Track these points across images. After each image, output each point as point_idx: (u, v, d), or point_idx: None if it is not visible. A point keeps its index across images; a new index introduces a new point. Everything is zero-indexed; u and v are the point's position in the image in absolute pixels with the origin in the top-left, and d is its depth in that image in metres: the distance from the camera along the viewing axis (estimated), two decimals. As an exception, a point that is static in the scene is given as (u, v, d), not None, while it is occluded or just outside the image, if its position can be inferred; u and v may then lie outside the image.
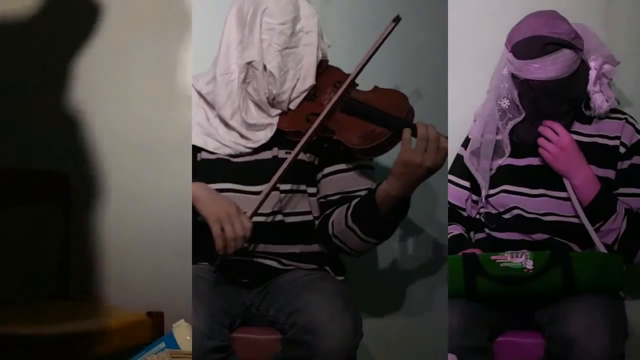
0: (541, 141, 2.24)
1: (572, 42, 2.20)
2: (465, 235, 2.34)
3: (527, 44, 2.21)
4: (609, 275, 2.12)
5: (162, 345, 2.15)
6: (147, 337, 2.30)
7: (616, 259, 2.14)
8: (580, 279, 2.09)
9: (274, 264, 2.24)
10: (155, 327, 2.32)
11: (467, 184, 2.35)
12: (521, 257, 2.11)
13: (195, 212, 2.15)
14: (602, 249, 2.20)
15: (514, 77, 2.26)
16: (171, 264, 2.55)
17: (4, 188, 2.47)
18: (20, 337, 2.11)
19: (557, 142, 2.22)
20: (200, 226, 2.15)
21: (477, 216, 2.34)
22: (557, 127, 2.24)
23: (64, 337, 2.18)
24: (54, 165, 2.56)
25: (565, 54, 2.20)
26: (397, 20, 2.22)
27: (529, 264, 2.10)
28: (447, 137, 2.08)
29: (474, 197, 2.35)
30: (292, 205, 2.25)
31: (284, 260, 2.24)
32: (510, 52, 2.24)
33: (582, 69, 2.24)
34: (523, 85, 2.24)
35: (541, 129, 2.24)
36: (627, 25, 2.47)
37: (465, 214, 2.35)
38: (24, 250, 2.59)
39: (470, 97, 2.48)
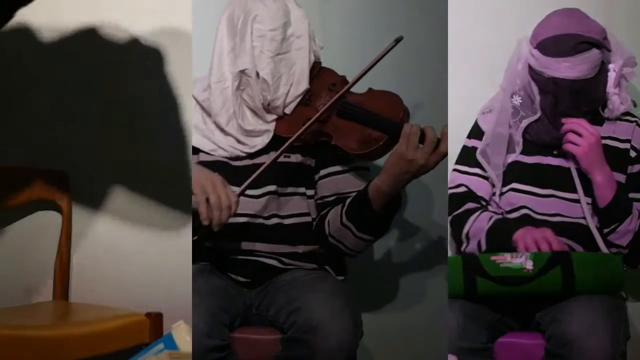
0: (571, 136, 2.22)
1: (602, 42, 2.19)
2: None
3: (557, 42, 2.19)
4: (609, 276, 2.12)
5: (161, 346, 2.14)
6: (146, 337, 2.30)
7: (615, 259, 2.14)
8: (580, 279, 2.09)
9: (275, 263, 2.24)
10: (154, 327, 2.31)
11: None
12: (521, 257, 2.11)
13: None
14: (605, 251, 2.20)
15: (536, 73, 2.24)
16: (171, 264, 2.55)
17: (3, 187, 2.46)
18: (20, 337, 2.10)
19: (587, 136, 2.21)
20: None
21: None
22: (585, 123, 2.22)
23: (64, 338, 2.17)
24: (54, 165, 2.56)
25: (594, 54, 2.19)
26: (398, 40, 2.21)
27: (529, 265, 2.09)
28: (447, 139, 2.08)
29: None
30: (291, 207, 2.26)
31: (284, 260, 2.25)
32: (535, 48, 2.23)
33: (603, 70, 2.23)
34: (547, 83, 2.22)
35: (569, 123, 2.22)
36: (629, 25, 2.47)
37: (490, 207, 2.33)
38: (23, 250, 2.59)
39: (471, 97, 2.48)
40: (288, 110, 2.26)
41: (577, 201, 2.24)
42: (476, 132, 2.36)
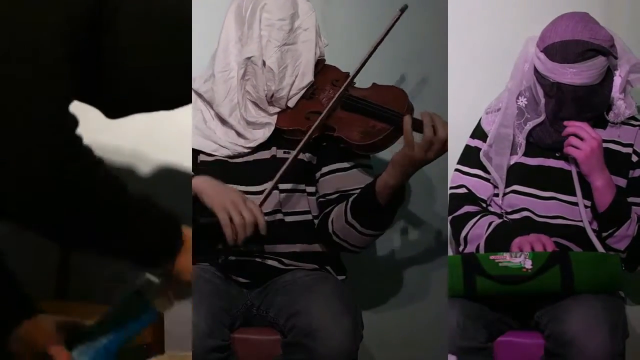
0: (572, 139, 2.21)
1: (610, 49, 2.18)
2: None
3: (565, 47, 2.17)
4: (608, 275, 2.12)
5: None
6: (147, 337, 2.30)
7: (614, 259, 2.14)
8: (579, 278, 2.08)
9: (275, 263, 2.24)
10: (154, 327, 2.31)
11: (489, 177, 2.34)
12: (520, 256, 2.11)
13: (199, 211, 2.12)
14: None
15: (541, 77, 2.23)
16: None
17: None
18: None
19: (589, 140, 2.20)
20: (201, 229, 2.15)
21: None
22: (587, 126, 2.20)
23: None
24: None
25: (600, 61, 2.17)
26: (403, 9, 2.22)
27: (528, 264, 2.09)
28: (446, 124, 2.08)
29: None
30: (291, 205, 2.26)
31: (285, 260, 2.25)
32: (542, 52, 2.21)
33: (609, 76, 2.22)
34: (552, 88, 2.21)
35: (571, 127, 2.21)
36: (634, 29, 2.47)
37: (490, 208, 2.33)
38: (23, 250, 2.59)
39: (471, 94, 2.48)
40: (291, 104, 2.26)
41: (577, 204, 2.23)
42: (479, 132, 2.36)
